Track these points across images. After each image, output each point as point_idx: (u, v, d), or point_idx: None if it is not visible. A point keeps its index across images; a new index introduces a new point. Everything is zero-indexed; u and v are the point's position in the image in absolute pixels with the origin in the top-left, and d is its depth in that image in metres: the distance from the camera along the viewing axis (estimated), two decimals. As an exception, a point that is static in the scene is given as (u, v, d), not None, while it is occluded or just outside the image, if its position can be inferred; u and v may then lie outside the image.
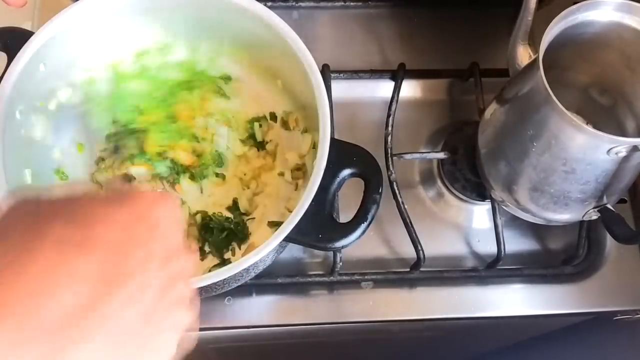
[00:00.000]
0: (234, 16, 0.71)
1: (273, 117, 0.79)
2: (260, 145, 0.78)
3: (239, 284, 0.69)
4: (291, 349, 1.00)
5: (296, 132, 0.77)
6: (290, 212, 0.61)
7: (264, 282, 0.77)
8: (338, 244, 0.62)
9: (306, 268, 0.80)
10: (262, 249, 0.59)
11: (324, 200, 0.62)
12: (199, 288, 0.59)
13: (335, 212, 0.76)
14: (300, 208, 0.59)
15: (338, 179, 0.64)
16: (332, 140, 0.63)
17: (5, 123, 0.64)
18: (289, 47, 0.67)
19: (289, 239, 0.60)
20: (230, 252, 0.73)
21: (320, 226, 0.62)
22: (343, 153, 0.64)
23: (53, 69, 0.70)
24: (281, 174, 0.76)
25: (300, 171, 0.75)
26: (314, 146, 0.72)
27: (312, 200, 0.60)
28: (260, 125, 0.78)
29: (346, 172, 0.64)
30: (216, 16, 0.72)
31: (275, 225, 0.72)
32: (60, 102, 0.74)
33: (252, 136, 0.78)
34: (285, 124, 0.78)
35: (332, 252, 0.76)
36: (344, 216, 0.65)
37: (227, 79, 0.80)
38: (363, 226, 0.62)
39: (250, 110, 0.79)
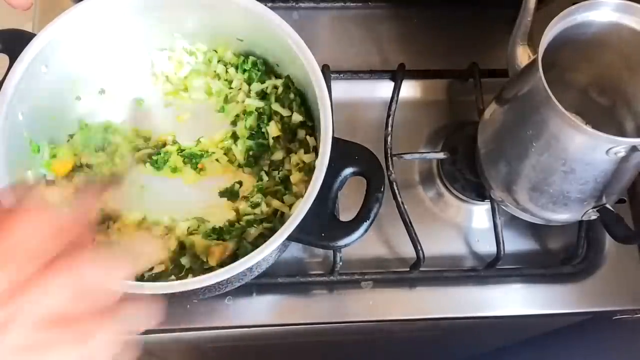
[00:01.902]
0: (235, 16, 0.71)
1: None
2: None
3: (242, 283, 0.69)
4: (291, 349, 1.00)
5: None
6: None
7: (264, 281, 0.77)
8: (341, 243, 0.62)
9: (306, 268, 0.80)
10: (265, 248, 0.59)
11: (326, 199, 0.62)
12: (201, 287, 0.59)
13: (336, 211, 0.77)
14: (303, 207, 0.59)
15: (340, 178, 0.64)
16: (334, 139, 0.63)
17: (7, 124, 0.64)
18: (290, 46, 0.67)
19: (292, 238, 0.60)
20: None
21: (323, 225, 0.62)
22: (345, 152, 0.64)
23: (55, 70, 0.70)
24: None
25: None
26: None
27: (315, 199, 0.60)
28: None
29: (348, 170, 0.64)
30: (216, 15, 0.72)
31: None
32: (62, 104, 0.74)
33: None
34: None
35: (332, 252, 0.77)
36: (345, 216, 0.65)
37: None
38: (366, 224, 0.62)
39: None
